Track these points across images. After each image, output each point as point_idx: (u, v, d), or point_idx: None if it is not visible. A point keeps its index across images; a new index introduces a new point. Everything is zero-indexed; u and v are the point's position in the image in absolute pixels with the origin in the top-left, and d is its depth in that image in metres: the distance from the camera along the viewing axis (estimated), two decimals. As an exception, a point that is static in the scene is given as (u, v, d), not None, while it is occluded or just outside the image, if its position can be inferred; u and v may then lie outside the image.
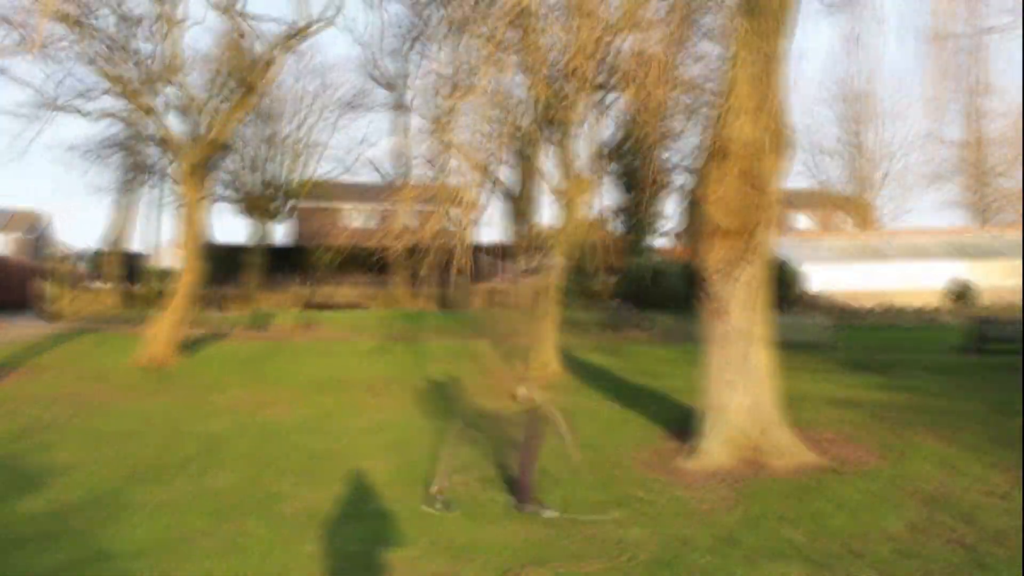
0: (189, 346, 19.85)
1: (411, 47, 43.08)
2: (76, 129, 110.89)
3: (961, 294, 38.08)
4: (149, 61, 22.30)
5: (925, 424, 10.10)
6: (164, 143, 35.71)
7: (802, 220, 59.48)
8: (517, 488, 7.43)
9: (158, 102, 22.46)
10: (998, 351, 19.97)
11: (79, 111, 23.53)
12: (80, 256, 51.42)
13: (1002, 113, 46.08)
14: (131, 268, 43.62)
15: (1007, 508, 6.70)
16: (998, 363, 16.88)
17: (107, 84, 22.11)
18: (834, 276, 39.84)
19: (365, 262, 34.38)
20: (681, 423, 10.38)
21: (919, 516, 6.57)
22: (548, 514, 6.94)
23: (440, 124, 13.83)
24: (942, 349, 21.19)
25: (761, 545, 6.02)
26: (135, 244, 53.86)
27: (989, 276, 40.16)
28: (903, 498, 7.06)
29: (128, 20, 22.29)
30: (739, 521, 6.65)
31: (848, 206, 54.30)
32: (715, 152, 8.74)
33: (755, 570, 5.50)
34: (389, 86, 44.61)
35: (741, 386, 8.67)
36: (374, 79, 45.33)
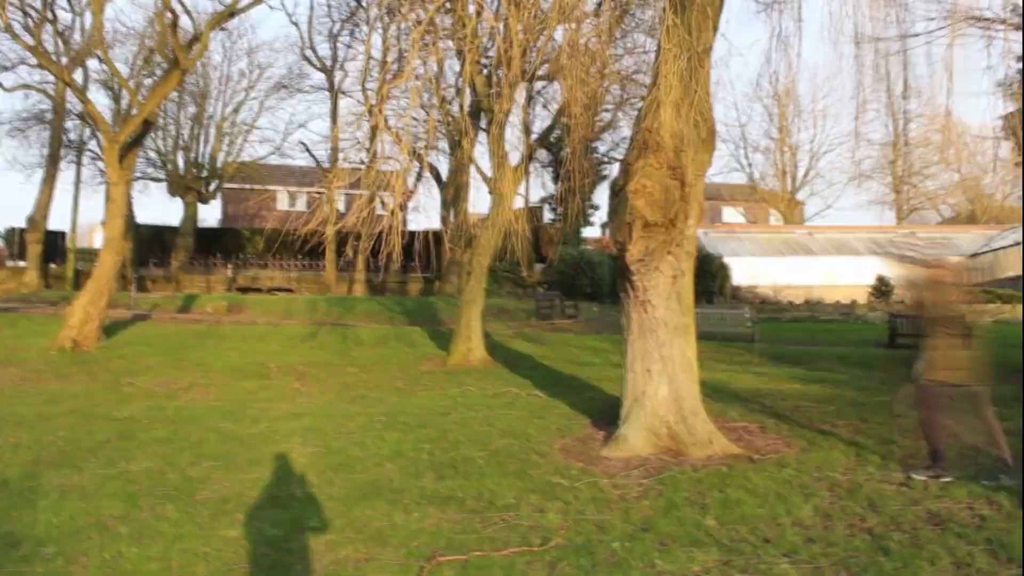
0: (109, 328, 19.42)
1: (343, 29, 42.72)
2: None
3: (882, 290, 39.12)
4: (69, 32, 21.71)
5: (837, 414, 10.40)
6: (87, 118, 34.87)
7: (731, 214, 60.52)
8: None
9: (80, 76, 21.86)
10: (909, 345, 20.59)
11: (-6, 81, 22.84)
12: (-2, 234, 49.85)
13: (921, 115, 47.17)
14: (52, 247, 42.40)
15: (906, 494, 6.95)
16: (910, 356, 17.37)
17: (24, 54, 21.45)
18: (759, 270, 40.61)
19: (295, 246, 34.05)
20: (604, 412, 10.52)
21: (827, 503, 6.78)
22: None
23: (371, 107, 13.73)
24: (859, 343, 21.79)
25: (675, 532, 6.14)
26: (56, 223, 52.53)
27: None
28: (813, 486, 7.26)
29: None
30: (655, 508, 6.77)
31: (775, 201, 55.38)
32: (640, 144, 8.84)
33: (668, 555, 5.61)
34: (323, 68, 44.07)
35: (661, 376, 8.81)
36: (308, 60, 44.78)
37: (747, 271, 40.20)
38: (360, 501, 6.97)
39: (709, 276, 34.96)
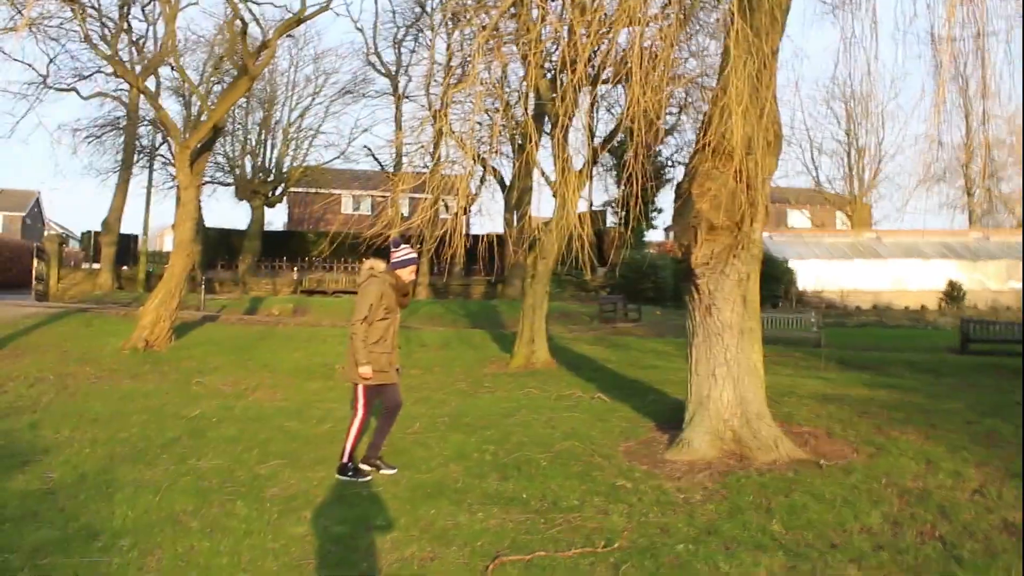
0: (179, 329, 19.87)
1: (407, 35, 43.13)
2: (70, 110, 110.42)
3: (952, 295, 38.26)
4: (143, 41, 22.29)
5: (906, 421, 10.20)
6: (159, 125, 35.74)
7: (797, 217, 59.69)
8: None
9: (152, 83, 22.42)
10: (982, 351, 20.14)
11: (73, 90, 23.52)
12: (74, 237, 51.47)
13: (998, 116, 46.06)
14: (124, 250, 43.55)
15: (979, 503, 6.80)
16: (981, 363, 17.00)
17: (101, 63, 22.09)
18: (826, 274, 39.98)
19: (359, 249, 34.37)
20: (668, 415, 10.47)
21: (896, 510, 6.66)
22: None
23: (435, 112, 13.86)
24: (929, 348, 21.32)
25: (740, 535, 6.10)
26: (129, 226, 53.93)
27: (981, 278, 40.36)
28: (881, 492, 7.14)
29: (123, -1, 22.28)
30: (719, 512, 6.73)
31: (843, 205, 54.48)
32: (706, 148, 8.79)
33: (733, 559, 5.57)
34: (387, 73, 44.53)
35: (726, 380, 8.75)
36: (372, 66, 45.29)
37: (813, 275, 39.63)
38: (424, 501, 7.05)
39: (774, 280, 34.54)
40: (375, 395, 7.95)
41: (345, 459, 7.80)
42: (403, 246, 8.06)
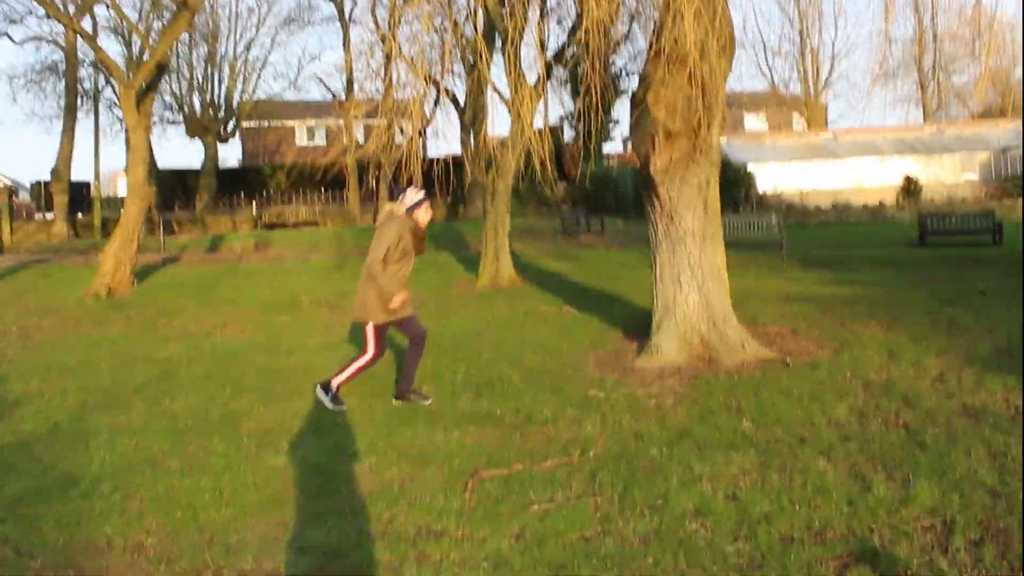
0: (140, 273, 19.64)
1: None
2: (4, 56, 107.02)
3: (909, 190, 38.65)
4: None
5: (869, 315, 10.40)
6: (100, 66, 34.77)
7: (753, 121, 59.67)
8: None
9: (89, 24, 21.70)
10: (940, 244, 20.48)
11: (4, 35, 22.72)
12: (24, 188, 50.31)
13: (948, 9, 46.01)
14: (77, 198, 42.70)
15: (940, 389, 7.00)
16: (941, 255, 17.30)
17: (32, 5, 21.34)
18: (784, 176, 40.18)
19: (316, 179, 34.01)
20: (635, 324, 10.58)
21: (861, 402, 6.83)
22: None
23: (384, 35, 13.58)
24: (889, 243, 21.63)
25: (712, 436, 6.23)
26: (80, 173, 52.82)
27: (936, 172, 40.76)
28: (846, 386, 7.31)
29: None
30: (691, 415, 6.86)
31: (798, 106, 54.50)
32: (659, 54, 8.71)
33: (706, 459, 5.69)
34: (331, -2, 43.47)
35: (691, 285, 8.83)
36: (315, -9, 44.18)
37: (772, 178, 39.81)
38: (400, 424, 7.11)
39: (734, 185, 34.68)
40: (386, 334, 7.85)
41: (333, 385, 7.72)
42: (408, 189, 7.85)
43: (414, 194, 7.80)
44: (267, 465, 6.23)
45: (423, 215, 7.82)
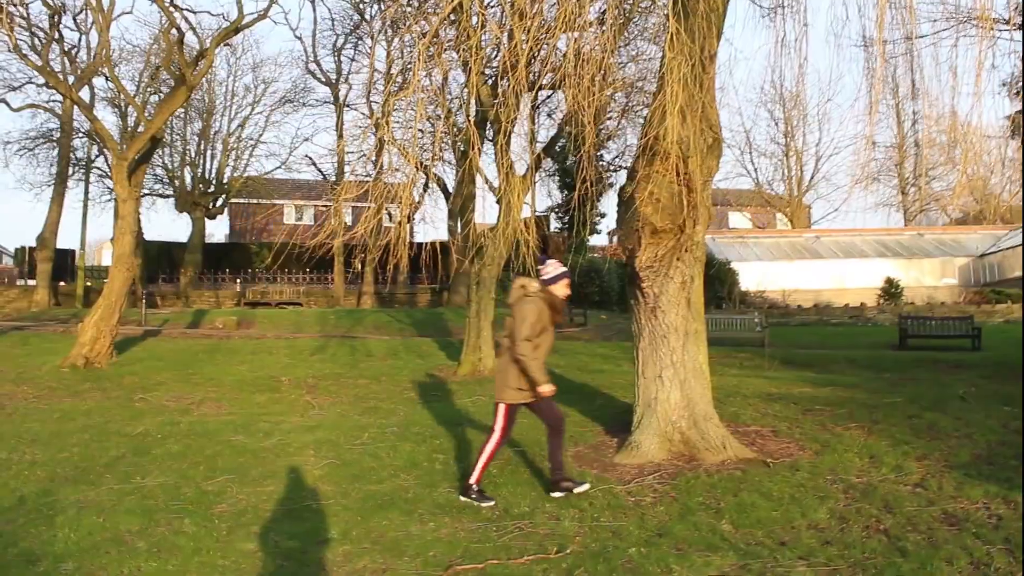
0: (121, 345, 19.49)
1: (347, 42, 42.90)
2: (0, 122, 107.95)
3: (890, 291, 39.05)
4: (75, 51, 21.79)
5: (850, 417, 10.39)
6: (95, 136, 35.08)
7: (738, 219, 60.49)
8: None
9: (87, 94, 21.90)
10: (920, 347, 20.62)
11: (3, 102, 22.90)
12: (8, 253, 50.21)
13: (927, 117, 47.23)
14: (61, 265, 42.59)
15: (921, 495, 6.96)
16: (919, 357, 17.39)
17: (32, 74, 21.56)
18: (768, 274, 40.56)
19: (303, 259, 34.09)
20: (616, 419, 10.54)
21: (842, 505, 6.78)
22: None
23: (377, 120, 13.79)
24: (869, 345, 21.75)
25: (691, 536, 6.15)
26: (66, 241, 52.78)
27: (917, 275, 41.28)
28: (827, 488, 7.27)
29: (52, 7, 21.78)
30: (670, 514, 6.78)
31: (782, 205, 55.35)
32: (647, 151, 8.87)
33: (685, 560, 5.62)
34: (327, 82, 44.23)
35: (673, 382, 8.83)
36: (312, 74, 44.97)
37: (755, 276, 40.18)
38: (375, 512, 7.00)
39: (718, 282, 34.97)
40: (516, 417, 7.58)
41: (473, 480, 7.36)
42: (549, 261, 7.72)
43: (555, 268, 7.64)
44: (238, 549, 6.10)
45: (562, 290, 7.63)
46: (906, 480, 7.44)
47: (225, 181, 47.24)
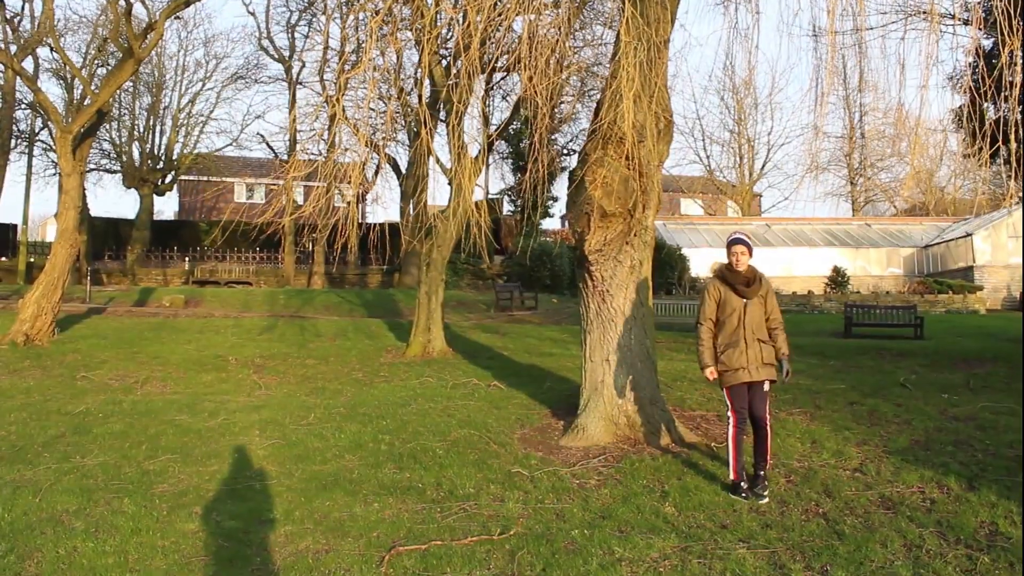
0: (63, 322, 19.11)
1: (301, 19, 42.34)
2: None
3: (837, 280, 39.65)
4: (18, 19, 21.23)
5: (793, 402, 10.54)
6: (38, 108, 34.25)
7: (689, 205, 60.94)
8: None
9: (30, 65, 21.35)
10: (864, 335, 20.97)
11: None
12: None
13: (876, 109, 48.08)
14: (3, 240, 41.61)
15: (859, 479, 7.09)
16: (863, 345, 17.68)
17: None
18: (718, 260, 40.86)
19: (252, 238, 33.70)
20: (563, 402, 10.58)
21: (782, 489, 6.89)
22: None
23: (329, 98, 13.64)
24: (815, 332, 22.07)
25: (634, 519, 6.21)
26: (7, 215, 51.54)
27: (863, 264, 41.98)
28: (770, 473, 7.36)
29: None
30: (614, 496, 6.83)
31: (733, 193, 55.86)
32: (599, 135, 8.88)
33: (627, 542, 5.66)
34: (280, 59, 43.62)
35: (620, 366, 8.88)
36: (265, 51, 44.32)
37: (706, 262, 40.50)
38: (319, 492, 6.96)
39: (668, 267, 35.21)
40: (741, 398, 7.06)
41: (732, 476, 6.93)
42: (732, 234, 7.26)
43: (730, 235, 7.28)
44: (178, 529, 6.03)
45: (734, 259, 7.15)
46: (846, 465, 7.57)
47: (175, 157, 46.45)
